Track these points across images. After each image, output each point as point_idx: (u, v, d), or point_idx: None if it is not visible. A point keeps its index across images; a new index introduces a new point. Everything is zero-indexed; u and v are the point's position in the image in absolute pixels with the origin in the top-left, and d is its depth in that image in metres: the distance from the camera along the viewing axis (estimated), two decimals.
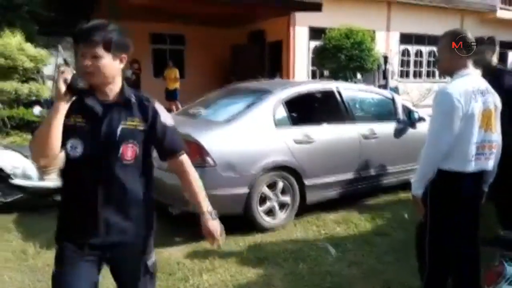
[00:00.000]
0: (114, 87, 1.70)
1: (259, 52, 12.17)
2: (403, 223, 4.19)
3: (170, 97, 11.11)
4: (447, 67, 2.36)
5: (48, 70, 9.31)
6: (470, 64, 2.33)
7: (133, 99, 1.70)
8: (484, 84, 2.34)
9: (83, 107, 1.65)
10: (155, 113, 1.72)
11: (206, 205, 1.87)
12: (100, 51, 1.62)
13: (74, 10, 10.26)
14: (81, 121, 1.65)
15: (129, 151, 1.68)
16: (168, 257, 3.46)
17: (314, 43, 10.93)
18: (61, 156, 1.66)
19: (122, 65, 1.71)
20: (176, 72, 11.21)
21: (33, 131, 1.83)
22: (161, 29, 12.74)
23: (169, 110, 10.01)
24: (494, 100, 2.33)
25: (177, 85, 11.18)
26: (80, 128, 1.64)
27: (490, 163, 2.35)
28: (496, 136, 2.35)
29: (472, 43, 2.29)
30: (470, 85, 2.25)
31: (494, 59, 3.24)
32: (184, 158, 1.85)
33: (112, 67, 1.66)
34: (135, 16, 10.64)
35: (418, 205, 2.33)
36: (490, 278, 1.94)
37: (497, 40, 3.28)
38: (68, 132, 1.62)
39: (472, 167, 2.26)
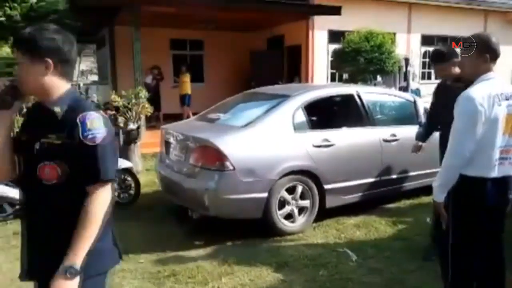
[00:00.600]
0: (49, 97, 1.49)
1: (278, 56, 12.17)
2: (425, 228, 4.09)
3: (182, 103, 11.08)
4: (471, 72, 2.31)
5: None
6: (493, 68, 2.29)
7: (60, 111, 1.46)
8: (510, 88, 2.29)
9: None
10: (73, 127, 1.43)
11: (70, 259, 1.39)
12: (19, 56, 1.46)
13: (98, 18, 10.51)
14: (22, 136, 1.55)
15: (46, 171, 1.44)
16: (187, 260, 3.48)
17: (333, 46, 10.84)
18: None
19: (48, 70, 1.46)
20: (187, 78, 11.11)
21: None
22: (181, 35, 12.90)
23: (182, 115, 10.10)
24: None
25: (188, 90, 11.08)
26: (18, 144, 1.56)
27: None
28: None
29: (497, 49, 2.27)
30: (494, 89, 2.21)
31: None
32: (93, 192, 1.45)
33: (31, 73, 1.45)
34: (155, 23, 10.81)
35: (441, 212, 2.27)
36: None
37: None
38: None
39: (495, 172, 2.21)
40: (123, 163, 5.12)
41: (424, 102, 5.73)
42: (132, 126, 6.46)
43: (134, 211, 4.77)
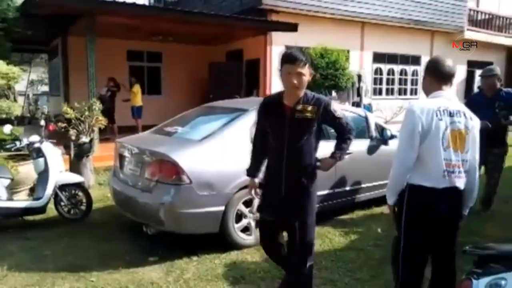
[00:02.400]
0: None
1: (237, 70, 12.28)
2: (377, 239, 4.25)
3: (133, 114, 10.84)
4: (426, 89, 2.61)
5: (19, 86, 9.11)
6: (446, 87, 2.51)
7: None
8: (457, 107, 2.45)
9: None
10: None
11: None
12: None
13: (50, 27, 10.15)
14: None
15: None
16: (141, 277, 3.40)
17: None
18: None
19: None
20: (136, 89, 10.87)
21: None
22: (138, 47, 12.73)
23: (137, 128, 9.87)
24: (466, 123, 2.42)
25: (137, 102, 10.86)
26: None
27: (462, 182, 2.41)
28: (466, 156, 2.42)
29: (443, 70, 2.51)
30: (436, 104, 2.39)
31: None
32: None
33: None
34: (112, 34, 10.61)
35: (390, 214, 2.53)
36: None
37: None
38: None
39: (441, 183, 2.35)
40: (73, 178, 4.95)
41: (375, 117, 5.99)
42: (84, 139, 6.26)
43: (86, 227, 4.60)
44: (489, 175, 4.91)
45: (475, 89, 13.31)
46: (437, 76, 2.50)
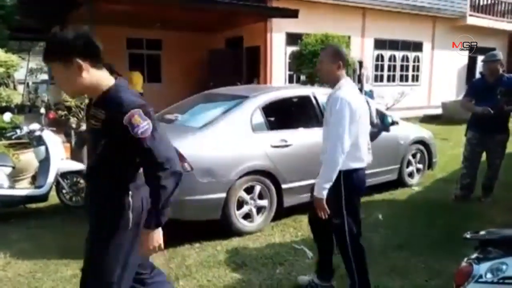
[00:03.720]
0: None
1: (237, 57, 12.20)
2: (377, 225, 4.27)
3: None
4: (331, 77, 2.69)
5: (19, 75, 9.08)
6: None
7: None
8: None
9: None
10: None
11: None
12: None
13: (49, 15, 10.05)
14: None
15: None
16: None
17: (291, 49, 11.03)
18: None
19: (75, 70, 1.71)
20: (136, 76, 10.80)
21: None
22: (138, 34, 12.63)
23: None
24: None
25: (137, 90, 10.83)
26: None
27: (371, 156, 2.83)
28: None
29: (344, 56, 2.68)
30: (357, 92, 2.72)
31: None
32: None
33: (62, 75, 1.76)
34: (112, 21, 10.52)
35: (323, 208, 2.57)
36: (459, 278, 2.00)
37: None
38: None
39: (366, 161, 2.72)
40: (75, 165, 4.96)
41: (377, 104, 5.96)
42: (85, 127, 6.23)
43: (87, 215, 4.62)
44: (490, 162, 4.90)
45: (477, 75, 13.24)
46: (344, 62, 2.67)
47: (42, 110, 5.66)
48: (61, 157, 4.85)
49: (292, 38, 11.11)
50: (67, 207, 4.83)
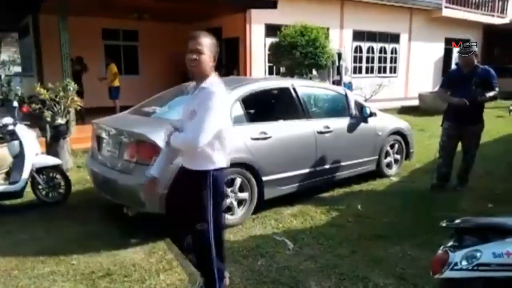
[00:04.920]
0: None
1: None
2: (356, 215, 4.34)
3: (110, 95, 10.56)
4: (207, 67, 2.40)
5: None
6: None
7: None
8: None
9: None
10: None
11: None
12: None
13: (21, 5, 9.71)
14: None
15: None
16: (123, 259, 3.38)
17: (270, 40, 11.00)
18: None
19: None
20: (112, 68, 10.61)
21: None
22: (114, 25, 12.36)
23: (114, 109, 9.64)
24: None
25: (114, 83, 10.63)
26: None
27: None
28: None
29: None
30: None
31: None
32: None
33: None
34: (86, 11, 10.25)
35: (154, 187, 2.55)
36: (436, 266, 2.05)
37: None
38: None
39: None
40: (50, 160, 4.84)
41: (355, 95, 6.02)
42: (60, 120, 6.09)
43: (65, 210, 4.54)
44: (465, 152, 5.02)
45: (453, 66, 13.51)
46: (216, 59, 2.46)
47: (15, 104, 5.48)
48: (36, 152, 4.72)
49: (272, 30, 11.08)
50: (44, 203, 4.72)
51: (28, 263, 3.33)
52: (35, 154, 4.68)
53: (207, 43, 2.39)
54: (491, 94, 4.66)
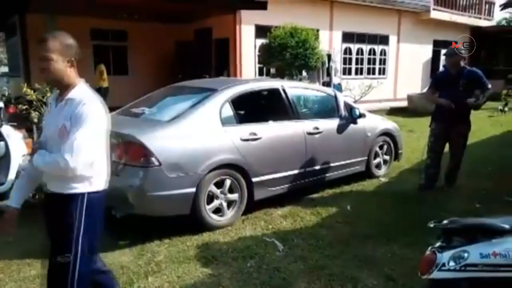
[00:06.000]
0: None
1: (206, 49, 12.06)
2: (346, 216, 4.35)
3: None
4: (63, 77, 2.02)
5: None
6: None
7: None
8: None
9: None
10: None
11: None
12: None
13: (8, 4, 9.56)
14: None
15: None
16: (111, 261, 3.33)
17: (260, 41, 11.01)
18: None
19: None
20: (100, 69, 10.53)
21: None
22: (102, 25, 12.24)
23: None
24: None
25: (101, 83, 10.52)
26: None
27: None
28: None
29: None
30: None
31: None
32: None
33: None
34: (74, 11, 10.14)
35: (13, 223, 2.11)
36: (423, 267, 2.06)
37: None
38: None
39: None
40: None
41: (344, 96, 6.05)
42: None
43: None
44: (453, 152, 5.08)
45: (441, 68, 13.65)
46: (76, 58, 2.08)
47: (1, 104, 5.39)
48: (22, 153, 4.64)
49: (262, 31, 11.09)
50: (30, 205, 4.64)
51: (14, 266, 3.27)
52: (22, 156, 4.61)
53: (56, 48, 1.98)
54: (483, 99, 4.78)
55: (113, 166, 3.78)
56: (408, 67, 15.45)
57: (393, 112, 13.03)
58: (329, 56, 11.09)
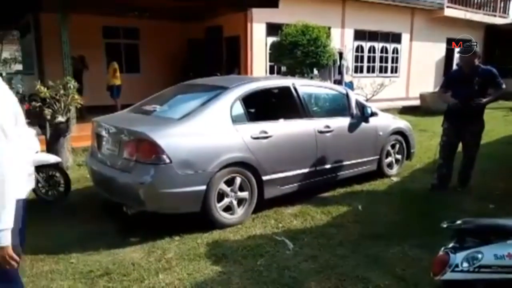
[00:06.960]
0: None
1: (217, 47, 12.07)
2: (357, 215, 4.32)
3: (111, 94, 10.57)
4: None
5: None
6: None
7: None
8: None
9: None
10: None
11: None
12: None
13: (22, 3, 9.68)
14: None
15: None
16: (122, 258, 3.37)
17: (271, 39, 10.98)
18: None
19: None
20: (113, 67, 10.63)
21: None
22: (114, 23, 12.34)
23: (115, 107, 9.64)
24: None
25: (114, 81, 10.57)
26: None
27: None
28: None
29: None
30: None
31: None
32: None
33: None
34: (86, 9, 10.23)
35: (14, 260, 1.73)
36: (436, 267, 2.03)
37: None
38: None
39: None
40: (50, 158, 4.83)
41: (356, 94, 6.00)
42: (60, 118, 6.08)
43: (64, 209, 4.52)
44: (466, 152, 5.00)
45: (454, 66, 13.46)
46: None
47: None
48: (35, 150, 4.70)
49: (273, 29, 11.06)
50: (43, 201, 4.71)
51: (27, 261, 3.31)
52: (35, 152, 4.67)
53: None
54: (492, 97, 4.72)
55: (124, 163, 3.85)
56: (421, 65, 15.26)
57: (405, 111, 12.90)
58: (340, 54, 11.03)
